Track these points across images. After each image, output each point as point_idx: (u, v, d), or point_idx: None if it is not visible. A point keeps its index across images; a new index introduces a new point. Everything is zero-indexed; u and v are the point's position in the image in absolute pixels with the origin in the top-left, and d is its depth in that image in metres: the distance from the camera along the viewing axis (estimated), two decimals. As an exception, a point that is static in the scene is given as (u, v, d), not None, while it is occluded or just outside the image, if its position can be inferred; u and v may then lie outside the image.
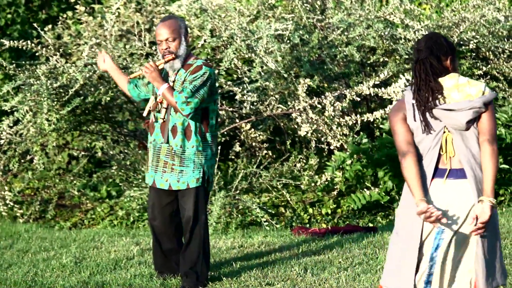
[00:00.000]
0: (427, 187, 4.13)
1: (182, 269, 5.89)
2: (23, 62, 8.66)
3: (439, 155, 4.15)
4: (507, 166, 8.69)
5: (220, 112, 8.91)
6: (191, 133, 5.79)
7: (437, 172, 4.15)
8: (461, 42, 9.17)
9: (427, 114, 4.15)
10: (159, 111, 5.84)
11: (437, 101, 4.13)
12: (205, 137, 5.84)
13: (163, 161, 5.83)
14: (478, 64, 9.28)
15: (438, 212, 4.04)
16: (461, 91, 4.15)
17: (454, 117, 4.11)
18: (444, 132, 4.15)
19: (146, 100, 6.11)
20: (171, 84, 5.80)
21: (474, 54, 9.40)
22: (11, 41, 8.33)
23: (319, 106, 8.56)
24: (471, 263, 4.16)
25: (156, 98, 5.87)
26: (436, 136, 4.15)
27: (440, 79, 4.19)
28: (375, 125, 9.18)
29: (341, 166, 8.43)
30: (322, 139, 8.72)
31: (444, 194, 4.13)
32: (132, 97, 6.25)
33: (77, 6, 10.17)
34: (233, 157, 9.27)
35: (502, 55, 9.37)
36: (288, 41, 8.57)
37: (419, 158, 4.17)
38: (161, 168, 5.84)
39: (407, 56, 8.83)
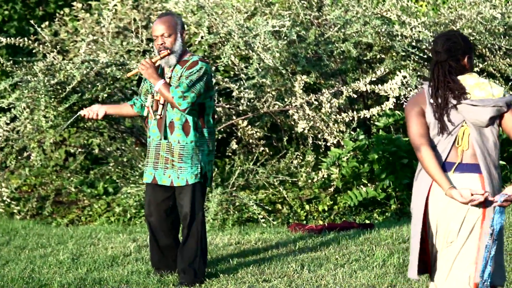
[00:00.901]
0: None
1: (179, 266, 5.90)
2: (20, 59, 8.64)
3: (452, 148, 4.19)
4: (503, 163, 8.71)
5: (217, 109, 8.91)
6: (189, 129, 5.81)
7: (445, 165, 4.18)
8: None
9: (445, 116, 4.19)
10: (155, 108, 5.85)
11: (459, 99, 4.17)
12: (202, 133, 5.86)
13: (164, 157, 5.84)
14: (474, 61, 9.29)
15: (480, 193, 4.10)
16: (483, 89, 4.20)
17: (478, 112, 4.15)
18: (462, 126, 4.19)
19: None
20: (168, 80, 5.82)
21: (471, 51, 9.39)
22: (8, 38, 8.33)
23: (315, 102, 8.58)
24: (472, 257, 4.17)
25: (153, 96, 5.89)
26: (453, 129, 4.18)
27: (460, 77, 4.23)
28: (371, 121, 9.19)
29: (337, 163, 8.44)
30: (319, 135, 8.73)
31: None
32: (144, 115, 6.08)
33: (74, 3, 10.17)
34: (230, 154, 9.27)
35: (498, 52, 9.38)
36: (285, 38, 8.57)
37: (432, 148, 4.21)
38: (163, 164, 5.85)
39: (403, 53, 8.84)
